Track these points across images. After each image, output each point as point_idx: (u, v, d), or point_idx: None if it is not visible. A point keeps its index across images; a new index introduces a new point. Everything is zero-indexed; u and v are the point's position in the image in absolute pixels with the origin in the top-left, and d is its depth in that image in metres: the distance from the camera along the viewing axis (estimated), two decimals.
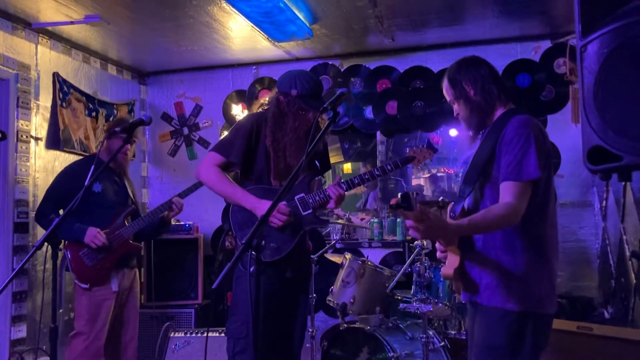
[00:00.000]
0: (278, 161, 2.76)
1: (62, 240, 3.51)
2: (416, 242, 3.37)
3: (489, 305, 2.05)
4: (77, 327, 3.44)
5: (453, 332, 3.54)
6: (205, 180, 2.82)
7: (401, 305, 3.57)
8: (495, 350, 2.02)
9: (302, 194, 2.75)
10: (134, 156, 5.19)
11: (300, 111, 2.73)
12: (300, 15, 4.00)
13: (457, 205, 2.15)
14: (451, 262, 2.15)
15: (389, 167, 2.77)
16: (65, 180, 3.54)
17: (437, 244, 2.24)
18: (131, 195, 3.75)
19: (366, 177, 2.76)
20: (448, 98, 2.31)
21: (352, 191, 6.12)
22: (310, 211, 2.74)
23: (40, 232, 4.00)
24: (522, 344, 2.00)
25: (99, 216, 3.49)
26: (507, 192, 2.00)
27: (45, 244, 2.43)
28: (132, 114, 5.17)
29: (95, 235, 3.40)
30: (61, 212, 3.45)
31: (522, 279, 2.02)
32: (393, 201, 1.91)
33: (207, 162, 2.80)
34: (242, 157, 2.76)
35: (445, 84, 2.31)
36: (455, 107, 2.29)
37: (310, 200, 2.74)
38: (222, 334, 3.74)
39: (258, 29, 4.21)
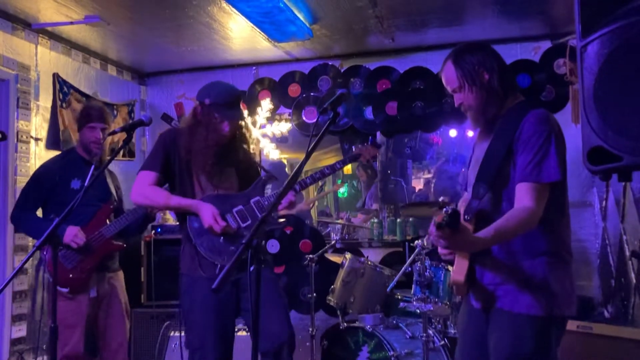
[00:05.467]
0: (197, 170, 2.80)
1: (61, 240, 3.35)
2: (416, 241, 3.37)
3: (513, 311, 1.95)
4: None
5: (453, 331, 3.54)
6: (140, 200, 2.81)
7: (401, 305, 3.58)
8: (524, 357, 1.93)
9: (257, 197, 2.84)
10: (132, 155, 5.20)
11: (213, 120, 2.76)
12: (300, 16, 4.00)
13: (471, 205, 2.01)
14: (461, 268, 2.01)
15: (338, 166, 2.95)
16: (40, 179, 3.35)
17: (440, 248, 2.07)
18: (113, 191, 3.54)
19: (317, 176, 2.88)
20: (453, 85, 2.09)
21: (322, 194, 6.15)
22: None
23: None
24: (549, 348, 1.93)
25: (77, 214, 3.11)
26: (525, 194, 1.90)
27: None
28: (132, 114, 5.17)
29: (75, 235, 3.17)
30: (39, 212, 3.36)
31: (544, 282, 1.93)
32: (439, 218, 1.76)
33: (138, 183, 2.79)
34: (161, 166, 2.79)
35: (450, 69, 2.10)
36: (461, 95, 2.08)
37: (266, 203, 2.83)
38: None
39: (258, 30, 4.22)
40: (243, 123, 2.97)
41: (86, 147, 3.38)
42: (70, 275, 3.22)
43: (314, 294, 3.85)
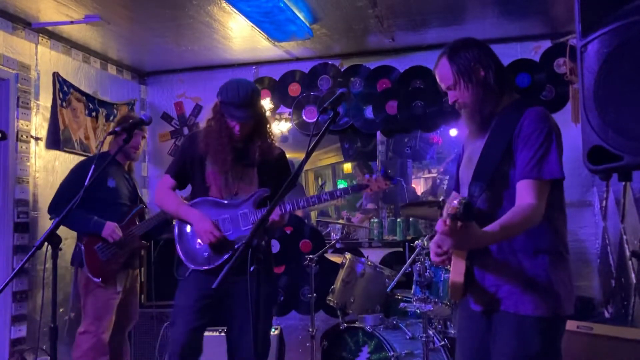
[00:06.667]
0: (212, 170, 2.84)
1: (77, 236, 3.60)
2: (416, 241, 3.37)
3: (518, 313, 1.91)
4: (85, 326, 3.52)
5: (453, 332, 3.54)
6: (157, 203, 3.01)
7: (401, 305, 3.58)
8: (531, 359, 1.90)
9: (246, 210, 2.81)
10: None
11: (222, 117, 2.79)
12: (300, 15, 4.00)
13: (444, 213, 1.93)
14: (458, 269, 1.93)
15: (337, 194, 2.82)
16: (79, 176, 3.54)
17: (432, 247, 1.99)
18: (140, 194, 3.84)
19: (312, 200, 2.82)
20: (448, 82, 2.04)
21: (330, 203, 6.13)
22: (249, 227, 2.79)
23: (41, 232, 4.01)
24: (556, 348, 1.92)
25: (112, 211, 3.55)
26: (526, 191, 1.86)
27: (46, 243, 2.43)
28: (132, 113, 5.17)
29: (114, 230, 3.48)
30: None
31: (547, 282, 1.90)
32: (452, 210, 1.68)
33: (159, 186, 2.98)
34: (177, 171, 2.92)
35: (444, 65, 2.04)
36: (456, 92, 2.03)
37: (252, 217, 2.81)
38: (222, 333, 3.74)
39: (258, 29, 4.22)
40: (264, 122, 2.93)
41: (125, 151, 3.64)
42: (103, 268, 3.50)
43: (314, 294, 3.85)
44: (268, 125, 2.96)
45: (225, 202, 2.84)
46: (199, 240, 2.84)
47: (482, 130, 2.05)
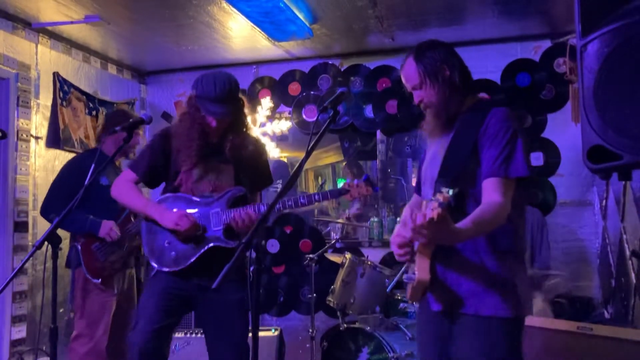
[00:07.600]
0: (184, 164, 2.68)
1: (71, 236, 3.55)
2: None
3: (481, 314, 1.88)
4: (78, 329, 3.41)
5: None
6: (115, 197, 2.78)
7: (401, 305, 3.58)
8: None
9: (218, 209, 2.66)
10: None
11: (197, 112, 2.66)
12: (300, 15, 4.00)
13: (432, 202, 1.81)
14: (424, 267, 1.91)
15: (316, 197, 2.66)
16: (70, 175, 3.49)
17: (394, 239, 1.99)
18: None
19: (289, 203, 2.64)
20: (414, 81, 2.08)
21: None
22: (220, 228, 2.64)
23: (41, 232, 4.01)
24: (520, 350, 1.90)
25: (107, 210, 3.42)
26: (493, 189, 1.85)
27: (46, 243, 2.42)
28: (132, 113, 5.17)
29: (111, 229, 3.39)
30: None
31: (508, 282, 1.88)
32: (444, 198, 1.63)
33: (119, 179, 2.79)
34: (144, 168, 2.73)
35: (411, 65, 2.08)
36: (421, 92, 2.07)
37: (224, 217, 2.65)
38: None
39: (258, 29, 4.22)
40: (243, 118, 2.81)
41: (124, 150, 3.51)
42: (102, 268, 3.41)
43: (314, 294, 3.85)
44: (245, 119, 2.81)
45: (196, 199, 2.68)
46: (167, 241, 2.67)
47: (446, 129, 2.06)
